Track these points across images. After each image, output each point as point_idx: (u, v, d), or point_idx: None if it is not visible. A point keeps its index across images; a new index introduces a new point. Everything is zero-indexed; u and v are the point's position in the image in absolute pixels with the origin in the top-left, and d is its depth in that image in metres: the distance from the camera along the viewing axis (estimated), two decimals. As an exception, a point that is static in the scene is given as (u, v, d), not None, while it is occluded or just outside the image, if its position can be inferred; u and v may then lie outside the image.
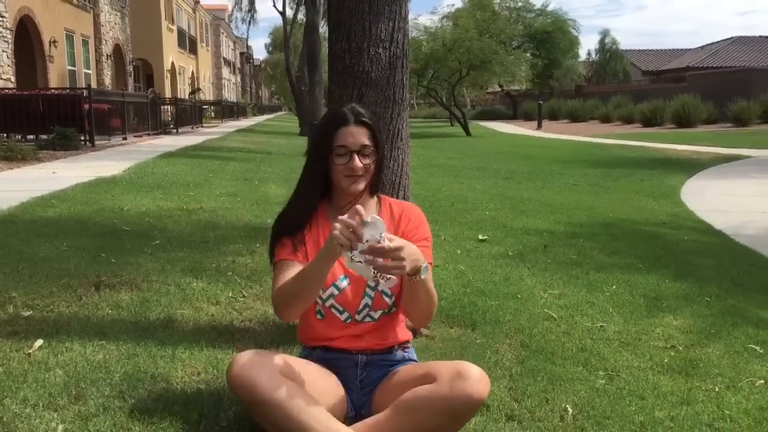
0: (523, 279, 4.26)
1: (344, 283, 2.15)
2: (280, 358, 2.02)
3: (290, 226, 2.18)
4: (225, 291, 3.70)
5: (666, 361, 2.98)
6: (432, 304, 2.09)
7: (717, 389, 2.69)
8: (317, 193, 2.20)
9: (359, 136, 2.13)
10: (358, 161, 2.12)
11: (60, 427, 2.12)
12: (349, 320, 2.17)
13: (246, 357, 1.95)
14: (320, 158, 2.15)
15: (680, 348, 3.16)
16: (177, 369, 2.63)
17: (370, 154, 2.15)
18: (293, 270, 2.07)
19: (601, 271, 4.51)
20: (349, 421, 2.12)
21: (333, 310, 2.17)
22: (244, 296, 3.64)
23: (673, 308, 3.77)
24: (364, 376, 2.21)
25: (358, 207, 1.82)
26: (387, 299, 2.18)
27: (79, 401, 2.31)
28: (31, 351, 2.73)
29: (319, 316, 2.20)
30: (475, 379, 1.91)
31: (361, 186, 2.17)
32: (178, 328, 3.14)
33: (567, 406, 2.46)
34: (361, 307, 2.17)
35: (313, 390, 2.01)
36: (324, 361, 2.20)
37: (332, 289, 2.14)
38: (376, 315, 2.19)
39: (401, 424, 1.97)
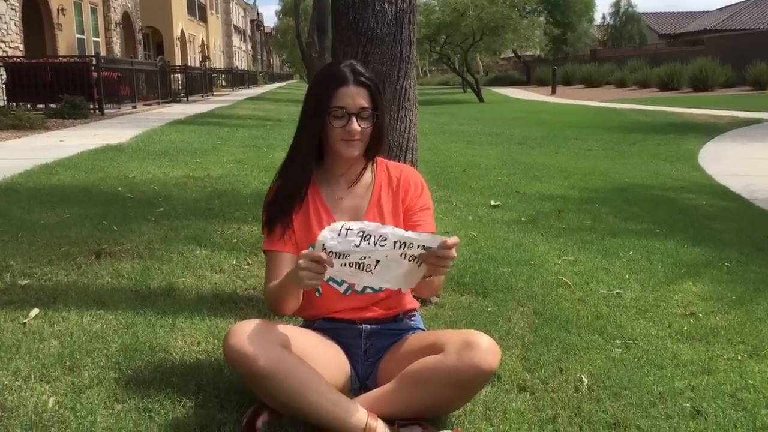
0: (536, 245, 4.14)
1: None
2: (279, 328, 1.92)
3: (284, 202, 2.05)
4: (229, 259, 3.60)
5: (685, 328, 2.86)
6: (439, 282, 2.01)
7: (739, 358, 2.58)
8: (312, 162, 2.06)
9: (358, 97, 1.99)
10: (356, 124, 1.98)
11: (51, 399, 2.03)
12: (349, 291, 2.06)
13: (243, 328, 1.84)
14: (316, 120, 2.01)
15: (700, 315, 3.03)
16: (177, 339, 2.55)
17: (368, 118, 2.01)
18: (282, 266, 2.00)
19: (616, 237, 4.37)
20: (353, 392, 2.03)
21: (331, 283, 2.05)
22: (248, 264, 3.54)
23: (692, 274, 3.64)
24: (368, 346, 2.10)
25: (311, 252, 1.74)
26: None
27: (73, 372, 2.23)
28: (26, 321, 2.65)
29: (316, 293, 2.08)
30: (485, 349, 1.81)
31: (357, 151, 2.03)
32: (180, 296, 3.05)
33: (582, 376, 2.35)
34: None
35: (315, 361, 1.91)
36: (326, 331, 2.10)
37: None
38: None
39: (408, 396, 1.87)
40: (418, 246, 1.74)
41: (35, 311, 2.73)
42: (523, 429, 2.01)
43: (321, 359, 1.96)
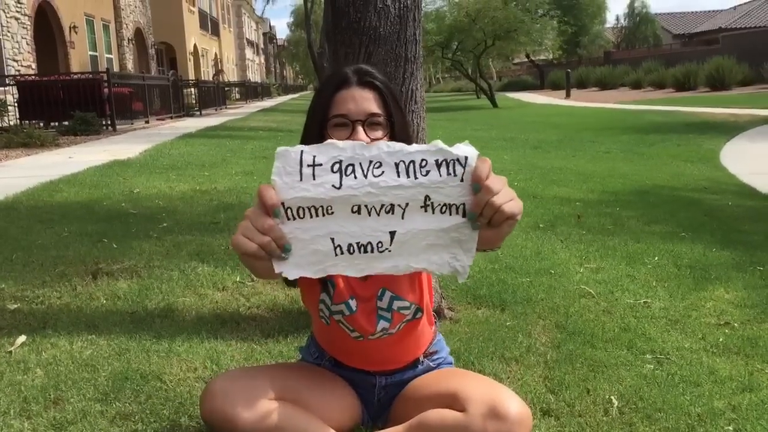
0: (556, 252, 3.93)
1: (353, 304, 1.72)
2: (264, 377, 1.68)
3: None
4: (233, 275, 3.42)
5: (721, 340, 2.64)
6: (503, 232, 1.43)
7: (783, 372, 2.36)
8: None
9: (364, 101, 1.60)
10: (363, 135, 1.56)
11: (28, 438, 1.86)
12: (360, 339, 1.75)
13: (220, 386, 1.61)
14: (314, 131, 1.63)
15: (735, 325, 2.81)
16: (171, 365, 2.37)
17: (380, 126, 1.60)
18: None
19: (640, 242, 4.16)
20: (364, 428, 1.84)
21: (341, 326, 1.76)
22: (253, 281, 3.36)
23: (723, 279, 3.42)
24: (383, 395, 1.87)
25: (261, 188, 1.32)
26: (406, 312, 1.75)
27: (57, 406, 2.05)
28: (11, 349, 2.48)
29: (324, 321, 1.78)
30: (513, 419, 1.54)
31: None
32: (178, 317, 2.87)
33: (611, 397, 2.15)
34: (377, 332, 1.74)
35: (314, 402, 1.71)
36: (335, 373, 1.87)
37: (342, 307, 1.72)
38: (395, 329, 1.76)
39: None
40: (441, 166, 1.15)
41: (22, 338, 2.56)
42: (548, 461, 1.81)
43: (322, 398, 1.75)
